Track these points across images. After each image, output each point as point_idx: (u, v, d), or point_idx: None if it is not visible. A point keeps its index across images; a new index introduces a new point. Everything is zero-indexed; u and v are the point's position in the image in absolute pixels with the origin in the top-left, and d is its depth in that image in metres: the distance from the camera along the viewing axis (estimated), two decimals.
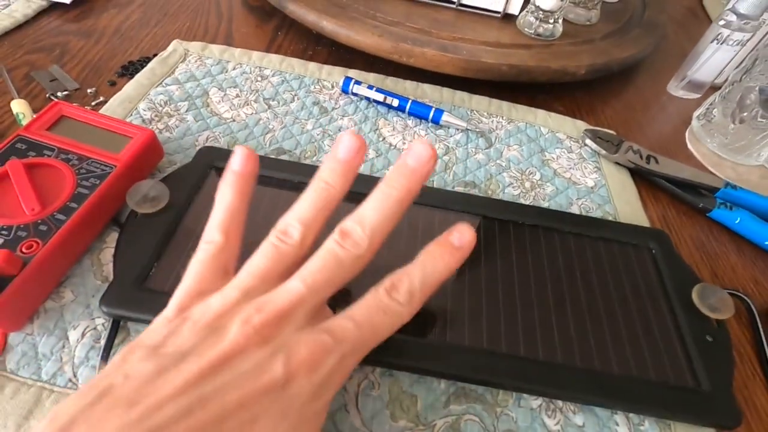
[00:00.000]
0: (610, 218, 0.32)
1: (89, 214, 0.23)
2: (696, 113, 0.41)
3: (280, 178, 0.29)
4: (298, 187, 0.28)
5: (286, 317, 0.17)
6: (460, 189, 0.32)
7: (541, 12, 0.41)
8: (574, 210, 0.32)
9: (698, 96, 0.46)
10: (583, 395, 0.22)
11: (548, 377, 0.22)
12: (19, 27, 0.39)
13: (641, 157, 0.35)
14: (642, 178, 0.36)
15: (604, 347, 0.24)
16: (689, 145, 0.40)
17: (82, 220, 0.23)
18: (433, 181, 0.32)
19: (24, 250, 0.21)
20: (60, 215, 0.23)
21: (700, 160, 0.39)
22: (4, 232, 0.21)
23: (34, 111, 0.31)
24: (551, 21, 0.41)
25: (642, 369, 0.23)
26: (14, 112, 0.31)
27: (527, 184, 0.33)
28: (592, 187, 0.34)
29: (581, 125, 0.39)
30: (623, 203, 0.33)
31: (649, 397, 0.22)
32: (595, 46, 0.43)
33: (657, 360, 0.24)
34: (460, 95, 0.39)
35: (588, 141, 0.37)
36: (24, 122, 0.30)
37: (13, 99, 0.32)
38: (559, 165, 0.35)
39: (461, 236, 0.20)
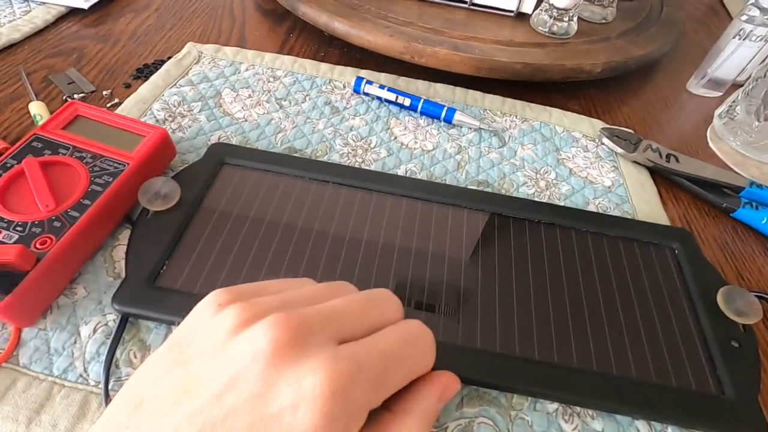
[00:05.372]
0: (629, 217, 0.31)
1: (102, 211, 0.23)
2: (718, 111, 0.40)
3: (291, 175, 0.29)
4: (309, 185, 0.28)
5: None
6: (472, 188, 0.31)
7: (555, 10, 0.41)
8: (591, 209, 0.31)
9: (719, 94, 0.44)
10: (601, 401, 0.21)
11: (564, 382, 0.21)
12: (39, 32, 0.40)
13: (661, 155, 0.34)
14: (662, 177, 0.34)
15: (622, 351, 0.23)
16: (711, 144, 0.39)
17: (95, 217, 0.23)
18: (445, 179, 0.32)
19: (38, 246, 0.21)
20: (74, 212, 0.23)
21: (722, 159, 0.37)
22: (18, 228, 0.22)
23: (51, 112, 0.32)
24: (566, 19, 0.41)
25: (662, 374, 0.22)
26: (32, 114, 0.31)
27: (542, 183, 0.32)
28: (609, 187, 0.33)
29: (597, 124, 0.38)
30: (642, 203, 0.32)
31: (669, 403, 0.21)
32: (612, 44, 0.42)
33: (678, 365, 0.23)
34: (473, 94, 0.39)
35: (605, 140, 0.36)
36: (41, 123, 0.30)
37: (31, 101, 0.32)
38: (575, 164, 0.34)
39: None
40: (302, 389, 0.13)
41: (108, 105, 0.34)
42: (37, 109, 0.31)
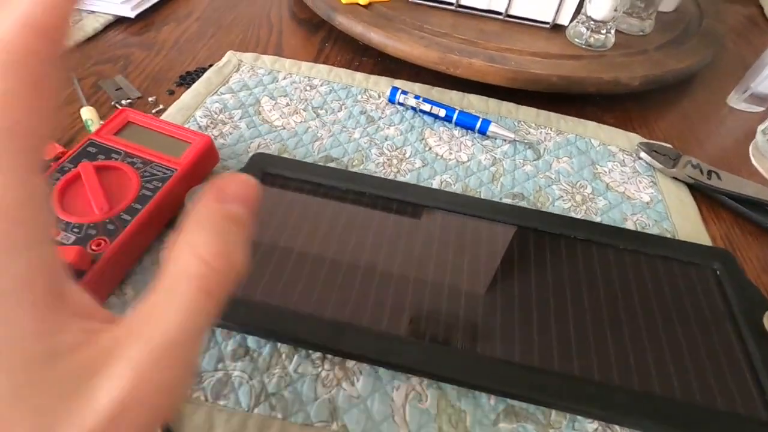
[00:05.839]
0: (669, 236, 0.30)
1: (152, 215, 0.24)
2: (761, 127, 0.39)
3: (329, 185, 0.29)
4: (346, 195, 0.29)
5: None
6: (508, 201, 0.31)
7: (592, 22, 0.40)
8: (629, 226, 0.31)
9: (762, 109, 0.43)
10: (643, 421, 0.21)
11: (604, 399, 0.21)
12: (89, 40, 0.42)
13: (701, 172, 0.33)
14: (702, 194, 0.34)
15: (665, 371, 0.23)
16: (753, 161, 0.38)
17: (145, 221, 0.24)
18: (480, 191, 0.32)
19: (93, 247, 0.22)
20: (126, 215, 0.24)
21: (766, 177, 0.36)
22: (75, 229, 0.23)
23: (101, 118, 0.33)
24: (603, 31, 0.40)
25: (708, 398, 0.22)
26: (83, 119, 0.33)
27: (578, 198, 0.32)
28: (647, 203, 0.32)
29: (634, 138, 0.37)
30: (682, 220, 0.31)
31: (715, 427, 0.21)
32: (649, 57, 0.42)
33: (725, 389, 0.22)
34: (507, 106, 0.39)
35: (643, 154, 0.35)
36: (92, 128, 0.32)
37: (82, 106, 0.34)
38: (612, 179, 0.34)
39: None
40: None
41: (153, 111, 0.35)
42: (88, 114, 0.33)
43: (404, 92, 0.37)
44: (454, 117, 0.36)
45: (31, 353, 0.10)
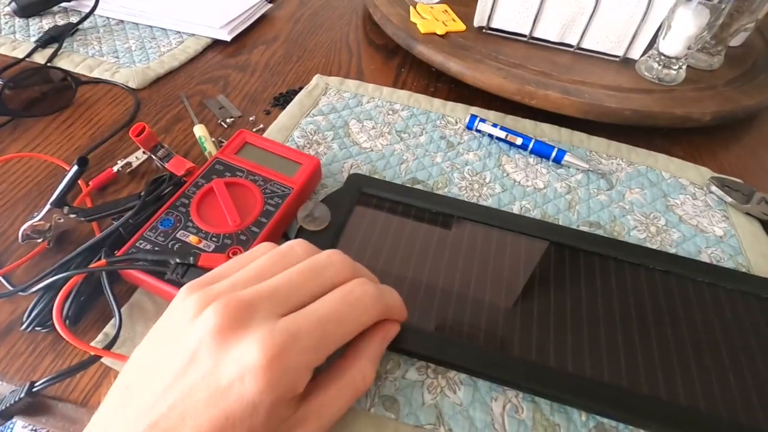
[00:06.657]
0: (743, 270, 0.31)
1: (275, 228, 0.27)
2: None
3: (420, 207, 0.32)
4: (436, 216, 0.31)
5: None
6: (584, 228, 0.33)
7: (664, 57, 0.42)
8: (704, 259, 0.32)
9: None
10: None
11: (691, 423, 0.23)
12: (190, 60, 0.46)
13: None
14: None
15: (749, 402, 0.24)
16: None
17: (270, 234, 0.27)
18: (557, 218, 0.34)
19: (231, 254, 0.25)
20: (254, 228, 0.27)
21: None
22: (214, 238, 0.26)
23: (210, 134, 0.37)
24: (675, 67, 0.42)
25: None
26: (196, 135, 0.37)
27: (652, 229, 0.34)
28: (721, 237, 0.34)
29: (705, 172, 0.39)
30: (757, 255, 0.32)
31: None
32: (719, 92, 0.43)
33: None
34: (579, 136, 0.41)
35: (714, 188, 0.36)
36: (205, 144, 0.36)
37: (194, 124, 0.38)
38: (684, 211, 0.35)
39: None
40: (244, 363, 0.16)
41: (254, 129, 0.39)
42: (200, 131, 0.36)
43: (482, 120, 0.39)
44: (530, 146, 0.38)
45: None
